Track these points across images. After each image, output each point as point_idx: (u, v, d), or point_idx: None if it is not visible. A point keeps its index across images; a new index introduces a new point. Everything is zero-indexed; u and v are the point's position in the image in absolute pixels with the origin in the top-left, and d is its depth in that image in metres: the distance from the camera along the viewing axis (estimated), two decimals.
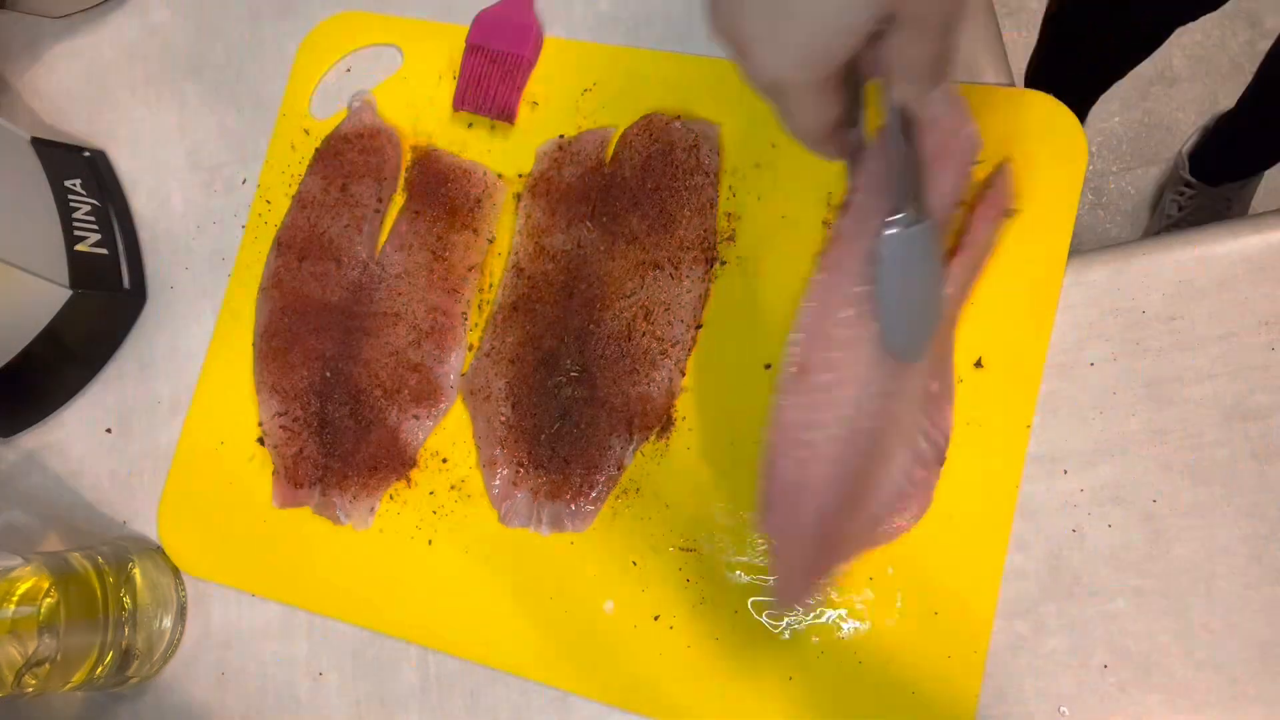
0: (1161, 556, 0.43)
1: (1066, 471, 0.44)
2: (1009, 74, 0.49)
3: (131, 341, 0.58)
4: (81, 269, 0.54)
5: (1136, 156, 1.35)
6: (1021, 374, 0.44)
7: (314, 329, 0.53)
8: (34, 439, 0.58)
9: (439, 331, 0.51)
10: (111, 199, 0.59)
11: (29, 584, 0.46)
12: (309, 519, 0.51)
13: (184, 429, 0.55)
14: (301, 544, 0.51)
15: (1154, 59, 1.32)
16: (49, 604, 0.45)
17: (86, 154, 0.60)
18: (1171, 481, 0.43)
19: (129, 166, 0.61)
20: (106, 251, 0.57)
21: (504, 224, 0.53)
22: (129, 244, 0.58)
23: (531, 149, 0.53)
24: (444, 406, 0.51)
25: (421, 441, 0.51)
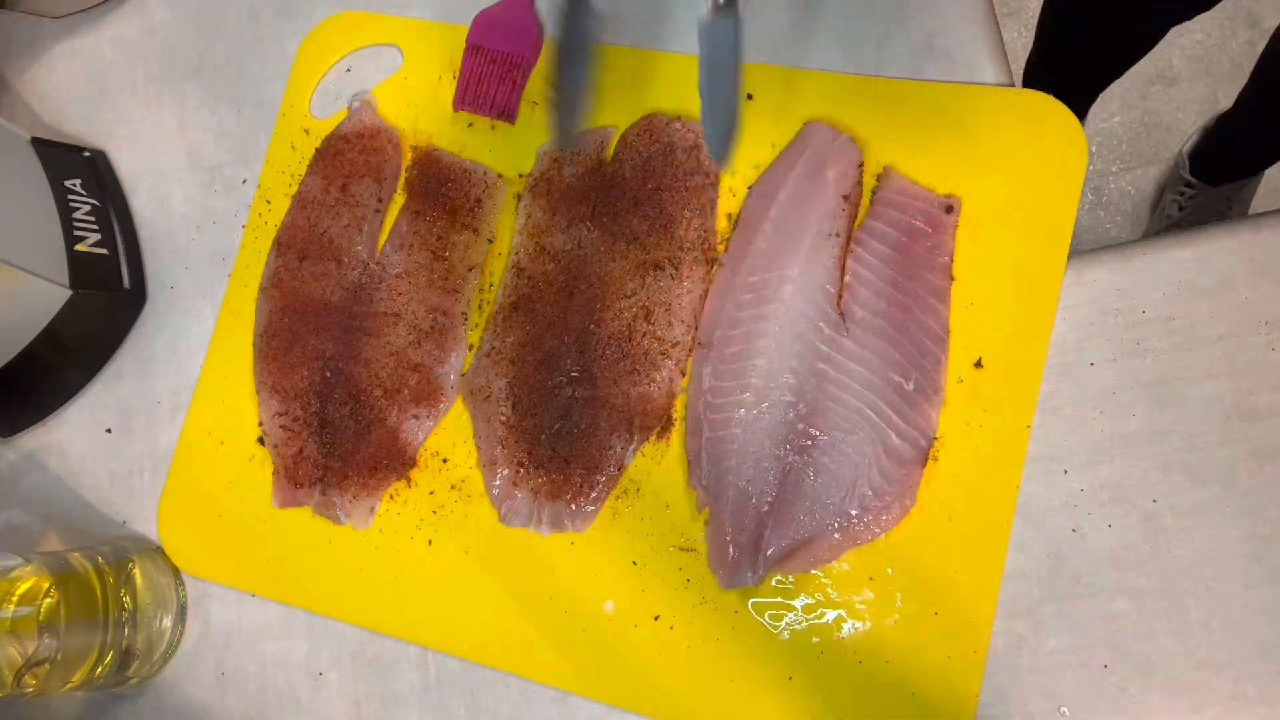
0: (1161, 556, 0.43)
1: (1066, 471, 0.44)
2: (1009, 74, 0.49)
3: (131, 341, 0.58)
4: (81, 269, 0.54)
5: (1136, 156, 1.35)
6: (1021, 374, 0.44)
7: (314, 329, 0.53)
8: (34, 439, 0.58)
9: (439, 331, 0.51)
10: (111, 199, 0.59)
11: (29, 584, 0.46)
12: (309, 519, 0.51)
13: (184, 429, 0.55)
14: (301, 544, 0.51)
15: (1154, 59, 1.32)
16: (49, 604, 0.45)
17: (86, 154, 0.60)
18: (1171, 481, 0.43)
19: (129, 166, 0.61)
20: (106, 251, 0.57)
21: (504, 224, 0.53)
22: (129, 244, 0.58)
23: (531, 149, 0.53)
24: (444, 406, 0.51)
25: (421, 441, 0.51)
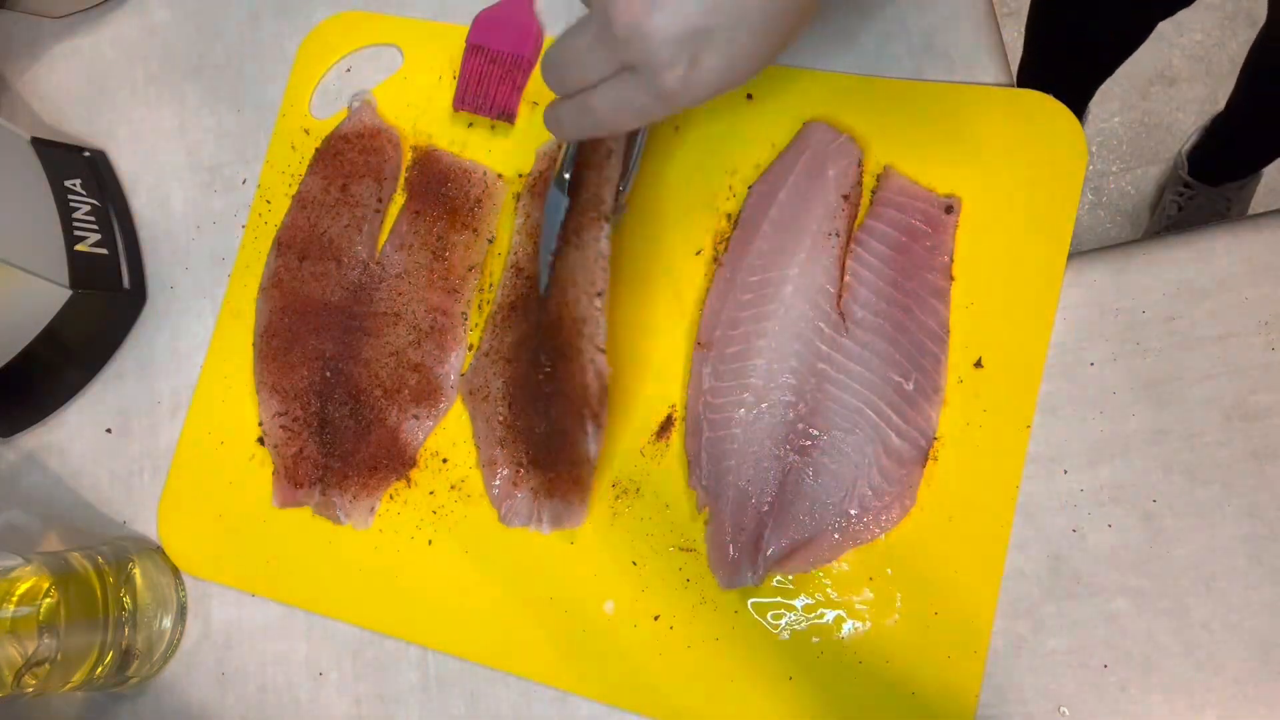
0: (1161, 556, 0.43)
1: (1066, 471, 0.44)
2: (1009, 74, 0.49)
3: (131, 341, 0.58)
4: (81, 269, 0.54)
5: (1136, 156, 1.35)
6: (1021, 374, 0.44)
7: (314, 329, 0.53)
8: (34, 439, 0.58)
9: (439, 331, 0.51)
10: (111, 199, 0.59)
11: (29, 584, 0.46)
12: (309, 519, 0.51)
13: (184, 429, 0.55)
14: (301, 544, 0.51)
15: (1154, 59, 1.32)
16: (49, 604, 0.45)
17: (86, 154, 0.60)
18: (1171, 481, 0.43)
19: (129, 166, 0.61)
20: (106, 251, 0.57)
21: (504, 224, 0.53)
22: (129, 244, 0.58)
23: (531, 149, 0.53)
24: (444, 406, 0.51)
25: (421, 441, 0.51)
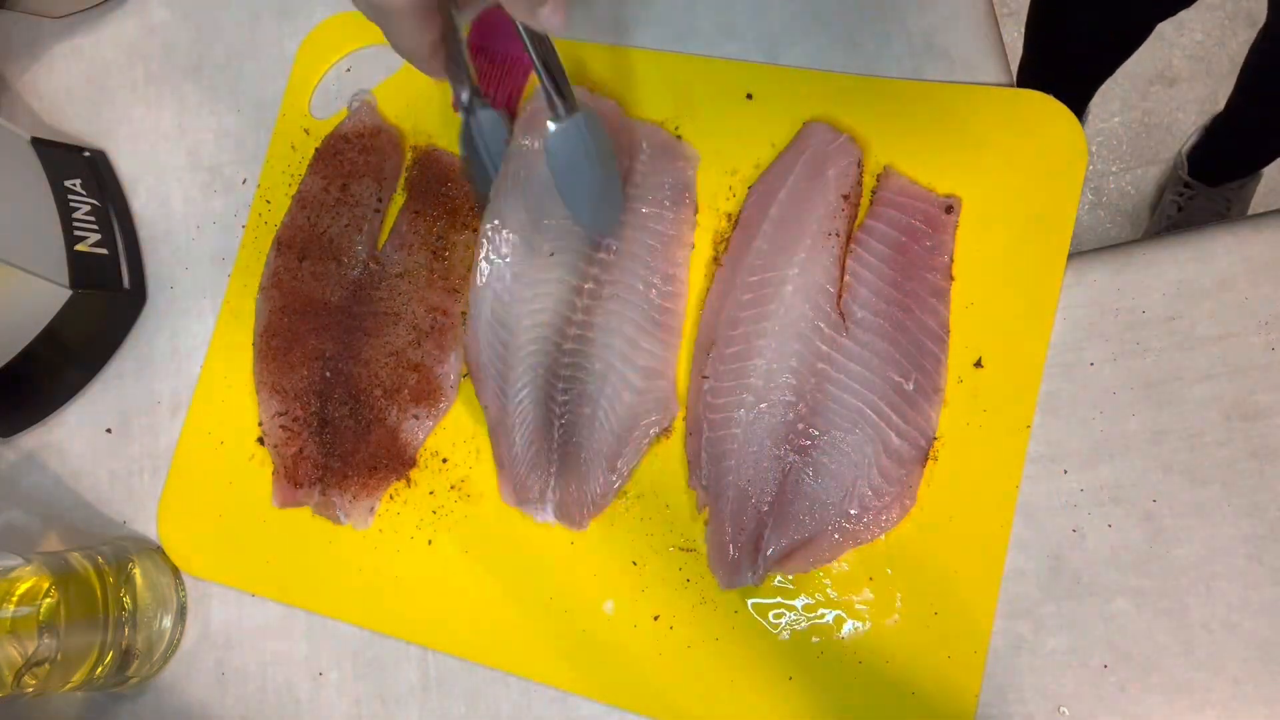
0: (1161, 556, 0.43)
1: (1066, 471, 0.44)
2: (1009, 74, 0.49)
3: (131, 341, 0.58)
4: (81, 269, 0.54)
5: (1136, 156, 1.35)
6: (1021, 374, 0.44)
7: (314, 329, 0.53)
8: (34, 439, 0.58)
9: (439, 331, 0.51)
10: (111, 199, 0.59)
11: (29, 584, 0.46)
12: (309, 519, 0.51)
13: (184, 429, 0.55)
14: (301, 544, 0.51)
15: (1154, 59, 1.32)
16: (49, 604, 0.45)
17: (86, 154, 0.60)
18: (1171, 481, 0.43)
19: (129, 166, 0.61)
20: (106, 251, 0.57)
21: None
22: (129, 244, 0.58)
23: None
24: (444, 406, 0.51)
25: (421, 441, 0.51)
